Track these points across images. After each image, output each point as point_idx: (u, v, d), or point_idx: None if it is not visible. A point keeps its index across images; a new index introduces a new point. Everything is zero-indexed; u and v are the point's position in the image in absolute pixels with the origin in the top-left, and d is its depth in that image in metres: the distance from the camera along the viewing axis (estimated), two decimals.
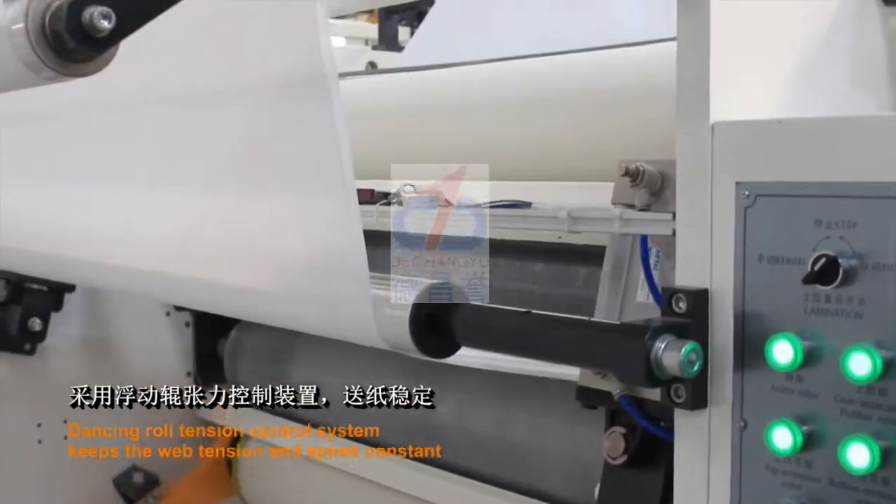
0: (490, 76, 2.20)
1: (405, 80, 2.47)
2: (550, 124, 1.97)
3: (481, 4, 2.70)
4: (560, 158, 1.94)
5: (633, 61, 1.92)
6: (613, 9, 2.55)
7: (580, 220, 1.39)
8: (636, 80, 1.84)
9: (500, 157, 2.01)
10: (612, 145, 1.78)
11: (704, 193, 1.15)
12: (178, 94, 1.52)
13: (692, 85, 1.17)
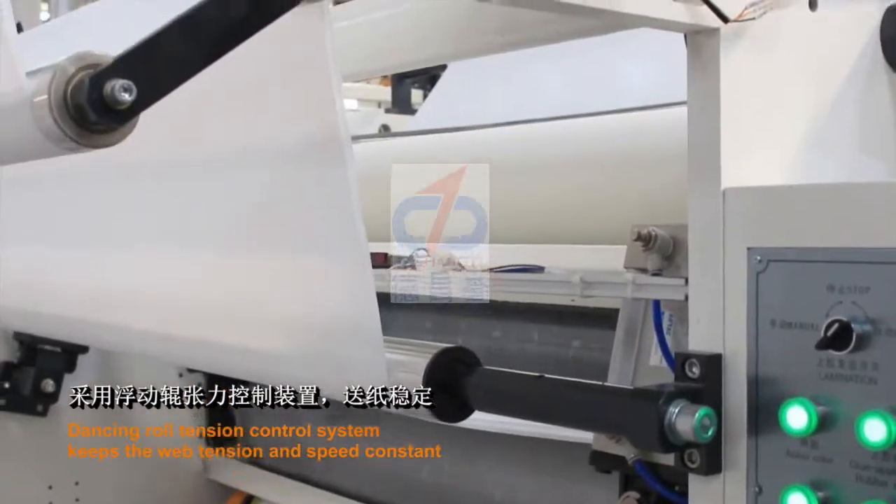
0: (502, 140, 2.21)
1: (418, 144, 2.49)
2: (562, 187, 1.98)
3: (493, 69, 2.72)
4: (572, 221, 1.95)
5: (644, 125, 1.93)
6: (624, 72, 2.57)
7: (593, 286, 1.40)
8: (647, 144, 1.86)
9: (512, 219, 2.02)
10: (624, 208, 1.79)
11: (717, 258, 1.16)
12: (191, 157, 1.54)
13: (703, 151, 1.18)
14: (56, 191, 1.89)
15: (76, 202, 1.87)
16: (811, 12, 1.26)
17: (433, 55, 1.62)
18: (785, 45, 1.23)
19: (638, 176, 1.84)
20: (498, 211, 2.07)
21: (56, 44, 1.67)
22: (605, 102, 2.18)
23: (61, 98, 0.92)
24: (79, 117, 0.92)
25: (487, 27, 1.39)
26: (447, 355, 1.33)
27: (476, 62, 2.66)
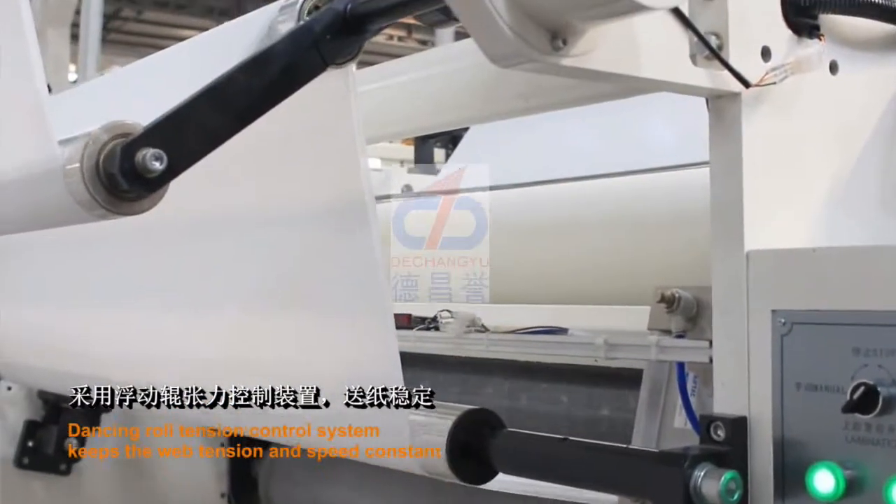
0: (525, 199, 2.23)
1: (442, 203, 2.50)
2: (586, 247, 1.99)
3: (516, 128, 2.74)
4: (595, 281, 1.96)
5: (667, 185, 1.94)
6: (647, 132, 2.58)
7: (617, 348, 1.40)
8: (670, 205, 1.86)
9: (536, 279, 2.03)
10: (647, 269, 1.79)
11: (741, 321, 1.16)
12: (217, 218, 1.55)
13: (726, 213, 1.18)
14: (82, 250, 1.91)
15: (102, 261, 1.89)
16: (832, 76, 1.27)
17: (457, 119, 1.64)
18: (806, 108, 1.24)
19: (661, 236, 1.85)
20: (522, 271, 2.08)
21: (86, 107, 1.70)
22: (629, 162, 2.19)
23: (93, 167, 0.94)
24: (110, 185, 0.94)
25: (511, 92, 1.40)
26: (470, 417, 1.33)
27: (498, 122, 2.68)
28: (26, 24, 1.02)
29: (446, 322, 1.68)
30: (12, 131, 1.09)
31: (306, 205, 1.39)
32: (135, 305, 1.85)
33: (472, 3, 0.93)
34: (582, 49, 0.99)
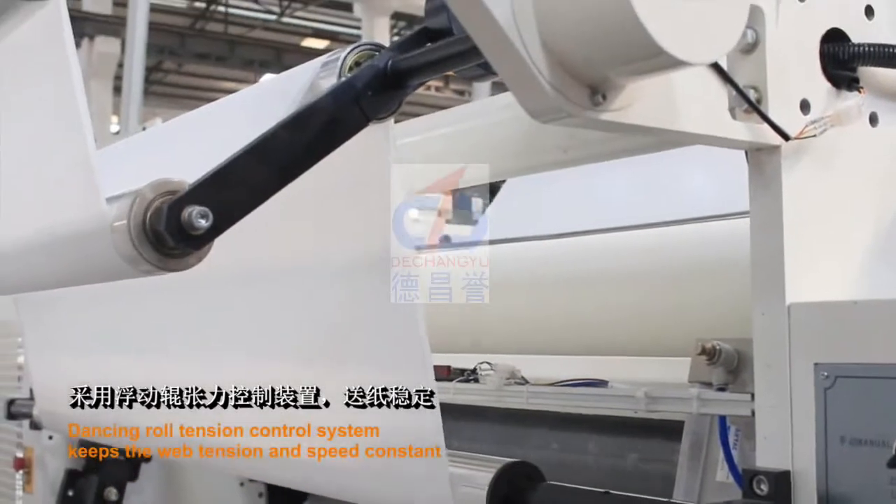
0: (564, 250, 2.23)
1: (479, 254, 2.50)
2: (625, 298, 1.98)
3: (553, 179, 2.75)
4: (635, 332, 1.95)
5: (707, 236, 1.94)
6: (684, 182, 2.58)
7: (658, 400, 1.39)
8: (710, 255, 1.86)
9: (575, 330, 2.02)
10: (687, 320, 1.78)
11: (783, 374, 1.15)
12: (258, 270, 1.57)
13: (767, 266, 1.18)
14: (122, 302, 1.93)
15: (142, 312, 1.91)
16: (872, 128, 1.26)
17: (496, 172, 1.64)
18: (846, 160, 1.24)
19: (700, 287, 1.84)
20: (561, 322, 2.08)
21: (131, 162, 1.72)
22: (667, 212, 2.19)
23: (140, 224, 0.95)
24: (157, 242, 0.95)
25: (550, 144, 1.41)
26: (511, 470, 1.33)
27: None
28: (76, 82, 1.04)
29: (486, 374, 1.68)
30: (61, 187, 1.11)
31: (346, 257, 1.40)
32: (174, 356, 1.86)
33: (512, 59, 0.94)
34: (621, 104, 1.00)
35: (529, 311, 2.15)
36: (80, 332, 2.13)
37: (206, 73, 16.54)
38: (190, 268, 0.98)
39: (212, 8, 15.78)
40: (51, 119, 1.11)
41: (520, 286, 2.21)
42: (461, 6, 0.95)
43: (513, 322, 2.17)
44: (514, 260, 2.33)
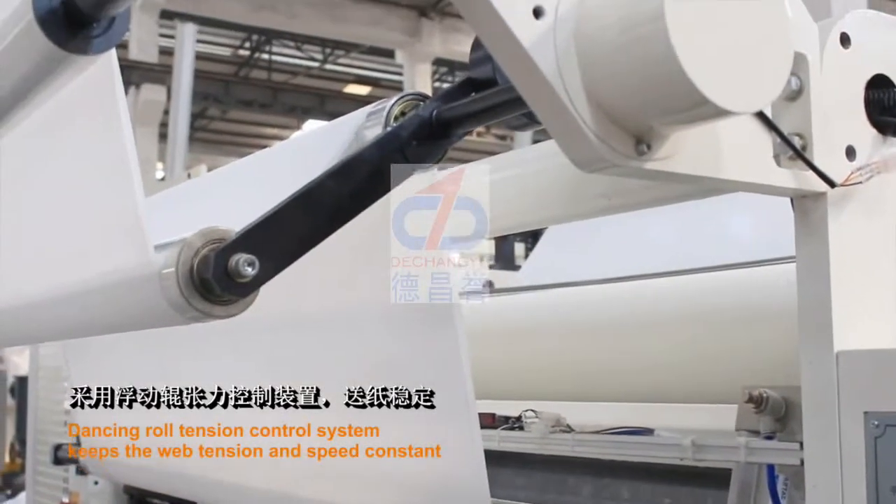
0: (608, 296, 2.22)
1: (523, 301, 2.50)
2: (669, 345, 1.97)
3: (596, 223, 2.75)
4: (680, 379, 1.94)
5: (753, 281, 1.93)
6: (728, 227, 2.57)
7: (705, 449, 1.38)
8: (756, 301, 1.84)
9: (619, 377, 2.01)
10: (733, 366, 1.77)
11: (832, 423, 1.14)
12: (303, 313, 1.57)
13: (814, 313, 1.17)
14: (167, 348, 1.94)
15: (187, 358, 1.92)
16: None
17: (540, 219, 1.65)
18: (893, 206, 1.23)
19: (746, 333, 1.82)
20: (605, 368, 2.07)
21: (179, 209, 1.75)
22: (711, 257, 2.18)
23: (188, 272, 0.96)
24: (204, 290, 0.96)
25: (594, 191, 1.41)
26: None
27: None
28: (126, 132, 1.06)
29: (531, 422, 1.67)
30: (110, 235, 1.12)
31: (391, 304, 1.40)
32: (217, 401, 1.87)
33: (556, 109, 0.95)
34: (666, 153, 1.00)
35: (574, 357, 2.14)
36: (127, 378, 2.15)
37: (249, 120, 16.71)
38: (236, 315, 0.99)
39: (256, 55, 15.98)
40: (101, 168, 1.13)
41: (564, 332, 2.21)
42: (506, 57, 0.96)
43: (557, 368, 2.16)
44: (557, 305, 2.33)
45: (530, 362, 2.24)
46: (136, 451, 2.11)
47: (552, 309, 2.32)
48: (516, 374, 2.19)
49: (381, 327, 1.44)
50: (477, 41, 1.19)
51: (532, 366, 2.23)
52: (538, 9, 0.94)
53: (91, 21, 0.94)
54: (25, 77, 1.01)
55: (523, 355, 2.27)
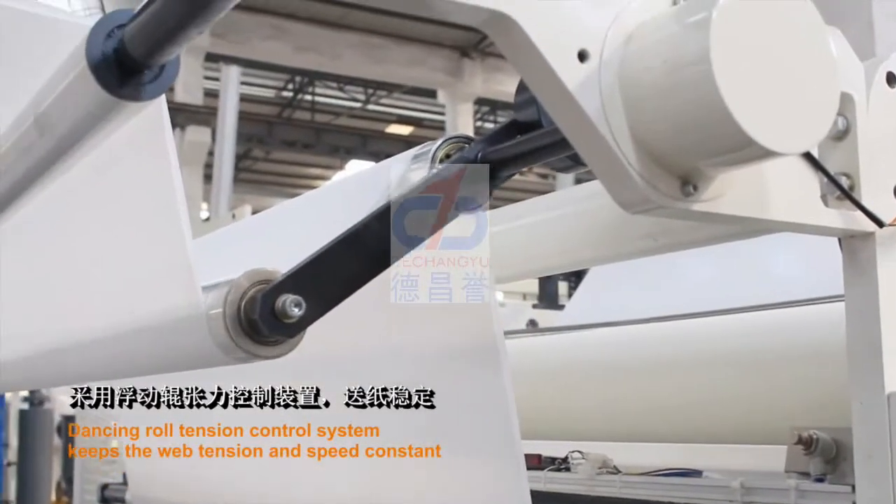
0: (653, 335, 2.21)
1: (567, 340, 2.50)
2: (715, 384, 1.96)
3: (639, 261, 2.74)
4: (727, 419, 1.92)
5: (799, 321, 1.91)
6: (773, 266, 2.56)
7: (754, 491, 1.37)
8: (802, 340, 1.83)
9: (665, 417, 2.00)
10: (781, 407, 1.75)
11: (884, 466, 1.12)
12: (348, 355, 1.58)
13: (864, 355, 1.16)
14: (203, 387, 1.95)
15: None
16: None
17: (585, 259, 1.64)
18: None
19: (794, 373, 1.81)
20: (651, 408, 2.06)
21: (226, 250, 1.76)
22: (758, 296, 2.17)
23: (235, 313, 0.97)
24: (251, 331, 0.97)
25: (639, 232, 1.41)
26: None
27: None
28: (175, 176, 1.08)
29: (577, 463, 1.66)
30: (158, 276, 1.13)
31: (438, 345, 1.41)
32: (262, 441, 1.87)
33: (602, 151, 0.95)
34: (712, 194, 1.00)
35: (619, 397, 2.13)
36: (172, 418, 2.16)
37: (293, 160, 16.85)
38: (283, 356, 1.00)
39: (299, 97, 16.12)
40: (150, 210, 1.14)
41: (609, 371, 2.20)
42: (551, 100, 0.96)
43: (602, 408, 2.15)
44: (602, 344, 2.32)
45: (575, 402, 2.23)
46: (182, 488, 2.12)
47: (597, 348, 2.31)
48: (561, 414, 2.18)
49: (427, 367, 1.44)
50: (522, 84, 1.19)
51: (577, 406, 2.22)
52: (583, 52, 0.94)
53: (142, 68, 0.95)
54: (78, 122, 1.03)
55: (568, 395, 2.26)
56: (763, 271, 2.57)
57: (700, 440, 1.86)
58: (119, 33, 0.94)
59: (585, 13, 0.95)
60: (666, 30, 0.94)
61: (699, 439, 1.87)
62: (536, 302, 4.61)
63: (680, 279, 2.74)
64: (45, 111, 1.06)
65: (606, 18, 0.96)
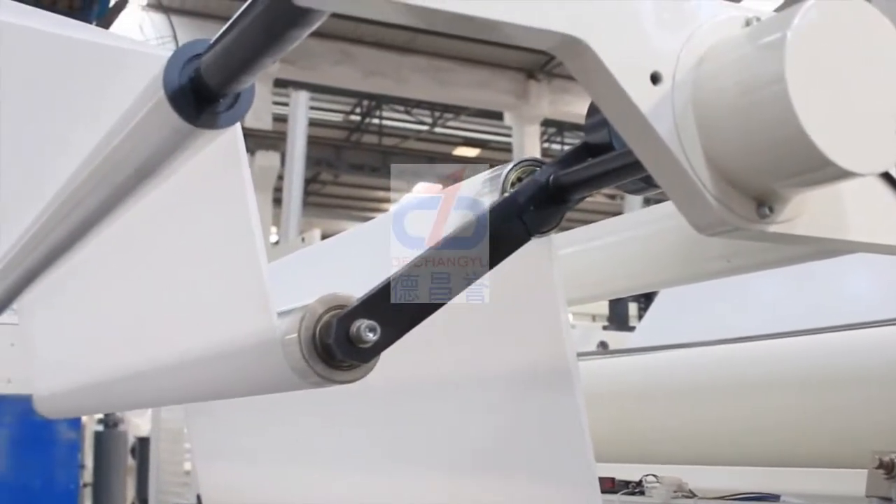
0: (725, 357, 2.19)
1: (639, 362, 2.48)
2: (791, 407, 1.93)
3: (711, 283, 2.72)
4: (803, 442, 1.89)
5: (878, 342, 1.88)
6: (850, 286, 2.52)
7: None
8: (882, 363, 1.80)
9: (739, 439, 1.97)
10: (861, 430, 1.72)
11: None
12: (421, 379, 1.58)
13: None
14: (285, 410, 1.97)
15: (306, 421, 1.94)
16: None
17: (657, 281, 1.64)
18: None
19: (874, 395, 1.78)
20: (725, 430, 2.03)
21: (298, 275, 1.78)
22: (835, 317, 2.14)
23: (311, 338, 0.98)
24: (326, 355, 0.98)
25: (713, 253, 1.40)
26: None
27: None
28: (250, 202, 1.09)
29: (652, 487, 1.65)
30: (233, 301, 1.15)
31: (510, 369, 1.40)
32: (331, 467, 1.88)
33: (676, 174, 0.95)
34: (788, 215, 0.98)
35: (691, 420, 2.11)
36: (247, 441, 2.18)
37: (361, 184, 16.97)
38: (357, 380, 1.01)
39: (366, 121, 16.25)
40: (226, 236, 1.16)
41: (683, 394, 2.18)
42: (623, 123, 0.96)
43: (675, 431, 2.13)
44: (674, 366, 2.30)
45: (647, 425, 2.21)
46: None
47: (669, 370, 2.29)
48: (633, 437, 2.16)
49: (499, 391, 1.44)
50: (592, 107, 1.19)
51: (649, 428, 2.20)
52: (655, 74, 0.94)
53: (218, 97, 0.97)
54: (155, 150, 1.05)
55: (640, 417, 2.24)
56: (838, 291, 2.53)
57: (776, 463, 1.83)
58: (195, 63, 0.96)
59: (657, 35, 0.95)
60: (739, 50, 0.93)
61: (775, 463, 1.84)
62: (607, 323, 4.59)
63: (752, 300, 2.71)
64: (123, 140, 1.08)
65: (679, 40, 0.96)
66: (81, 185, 1.22)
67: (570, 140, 16.12)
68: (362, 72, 13.70)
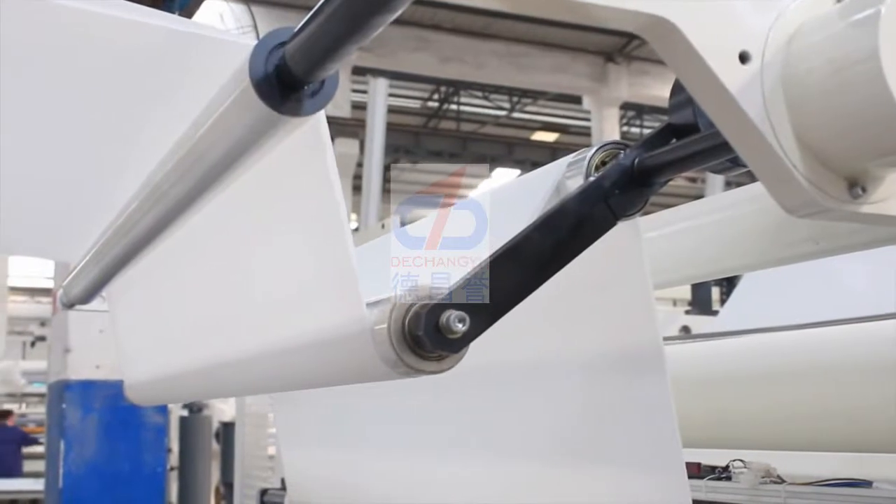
0: (813, 341, 2.15)
1: (723, 346, 2.45)
2: (881, 392, 1.89)
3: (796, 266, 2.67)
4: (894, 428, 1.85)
5: None
6: None
7: None
8: None
9: (827, 424, 1.94)
10: None
11: None
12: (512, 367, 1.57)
13: None
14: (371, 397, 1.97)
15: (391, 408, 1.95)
16: None
17: (743, 265, 1.61)
18: None
19: None
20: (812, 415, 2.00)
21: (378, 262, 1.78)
22: None
23: (400, 328, 0.98)
24: (415, 346, 0.98)
25: (800, 235, 1.37)
26: None
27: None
28: (336, 187, 1.09)
29: (739, 472, 1.63)
30: (323, 292, 1.15)
31: (600, 353, 1.39)
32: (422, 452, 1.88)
33: (765, 154, 0.93)
34: (881, 195, 0.96)
35: (777, 404, 2.08)
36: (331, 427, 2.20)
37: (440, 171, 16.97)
38: (446, 370, 1.00)
39: (444, 107, 16.25)
40: (314, 225, 1.16)
41: (769, 378, 2.15)
42: (712, 103, 0.95)
43: (760, 416, 2.10)
44: (760, 351, 2.27)
45: (732, 409, 2.19)
46: (339, 498, 2.15)
47: (754, 354, 2.26)
48: (717, 421, 2.13)
49: (587, 376, 1.43)
50: (676, 85, 1.18)
51: (734, 413, 2.17)
52: (744, 53, 0.92)
53: (302, 84, 0.98)
54: (241, 139, 1.06)
55: (724, 402, 2.22)
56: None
57: (868, 449, 1.80)
58: (280, 51, 0.96)
59: (746, 15, 0.93)
60: (831, 28, 0.91)
61: (865, 448, 1.81)
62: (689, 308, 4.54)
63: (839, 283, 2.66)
64: (209, 129, 1.09)
65: (768, 19, 0.94)
66: (168, 174, 1.23)
67: (649, 123, 15.95)
68: (439, 58, 13.69)
